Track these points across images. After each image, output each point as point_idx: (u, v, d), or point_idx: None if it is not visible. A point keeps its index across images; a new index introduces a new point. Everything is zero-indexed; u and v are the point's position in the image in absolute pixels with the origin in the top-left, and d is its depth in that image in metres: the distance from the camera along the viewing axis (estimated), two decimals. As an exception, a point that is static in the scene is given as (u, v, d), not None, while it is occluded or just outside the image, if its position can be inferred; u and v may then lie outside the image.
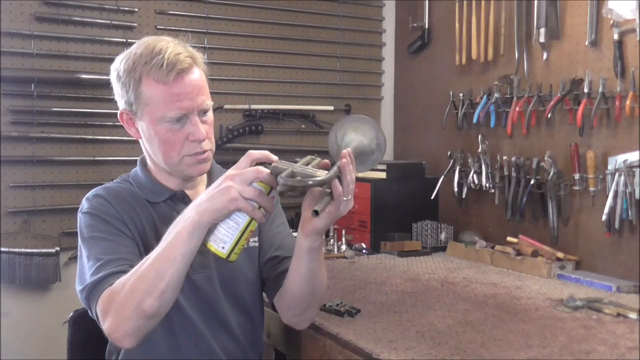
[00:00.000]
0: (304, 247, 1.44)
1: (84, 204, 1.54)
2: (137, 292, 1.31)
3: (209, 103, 1.54)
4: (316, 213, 1.31)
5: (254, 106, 3.13)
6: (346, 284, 2.21)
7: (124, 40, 2.80)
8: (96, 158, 2.80)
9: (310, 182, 1.28)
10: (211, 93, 1.56)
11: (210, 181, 1.64)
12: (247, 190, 1.27)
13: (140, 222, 1.54)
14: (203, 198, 1.31)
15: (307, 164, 1.36)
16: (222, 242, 1.33)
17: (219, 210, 1.29)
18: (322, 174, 1.31)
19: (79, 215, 1.53)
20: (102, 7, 2.79)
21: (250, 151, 1.33)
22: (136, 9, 2.86)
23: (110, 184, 1.63)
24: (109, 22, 2.80)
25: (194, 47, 1.55)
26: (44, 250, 2.68)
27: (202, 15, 3.02)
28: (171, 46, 1.48)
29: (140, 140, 1.59)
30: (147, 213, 1.55)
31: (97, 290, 1.37)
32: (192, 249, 1.32)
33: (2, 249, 2.62)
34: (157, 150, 1.53)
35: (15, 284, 2.65)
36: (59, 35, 2.72)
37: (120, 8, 2.82)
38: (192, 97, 1.48)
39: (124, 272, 1.37)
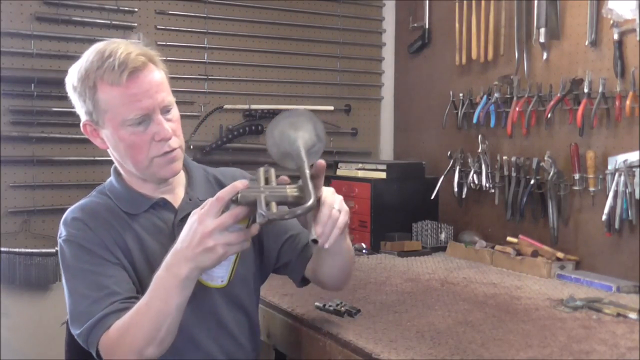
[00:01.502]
0: (342, 245, 1.48)
1: (62, 231, 1.49)
2: (137, 341, 1.34)
3: (171, 99, 1.48)
4: (315, 242, 1.32)
5: (254, 106, 3.13)
6: (346, 284, 2.21)
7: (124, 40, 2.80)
8: (96, 158, 2.79)
9: (299, 212, 1.25)
10: (211, 93, 1.54)
11: (190, 182, 1.60)
12: (231, 239, 1.28)
13: (121, 240, 1.49)
14: (188, 255, 1.29)
15: (268, 181, 1.33)
16: (220, 278, 1.38)
17: (211, 266, 1.32)
18: (292, 192, 1.29)
19: (59, 241, 1.49)
20: (102, 7, 2.80)
21: (217, 195, 1.29)
22: (136, 9, 2.86)
23: (87, 200, 1.56)
24: (109, 22, 2.80)
25: (193, 47, 1.53)
26: (44, 250, 2.68)
27: (202, 15, 3.01)
28: (122, 47, 1.43)
29: (108, 150, 1.53)
30: (127, 228, 1.50)
31: (94, 335, 1.39)
32: (186, 297, 1.35)
33: (2, 249, 2.62)
34: (124, 157, 1.48)
35: (15, 284, 2.65)
36: (59, 35, 2.72)
37: (120, 8, 2.83)
38: (150, 95, 1.42)
39: (118, 310, 1.38)
